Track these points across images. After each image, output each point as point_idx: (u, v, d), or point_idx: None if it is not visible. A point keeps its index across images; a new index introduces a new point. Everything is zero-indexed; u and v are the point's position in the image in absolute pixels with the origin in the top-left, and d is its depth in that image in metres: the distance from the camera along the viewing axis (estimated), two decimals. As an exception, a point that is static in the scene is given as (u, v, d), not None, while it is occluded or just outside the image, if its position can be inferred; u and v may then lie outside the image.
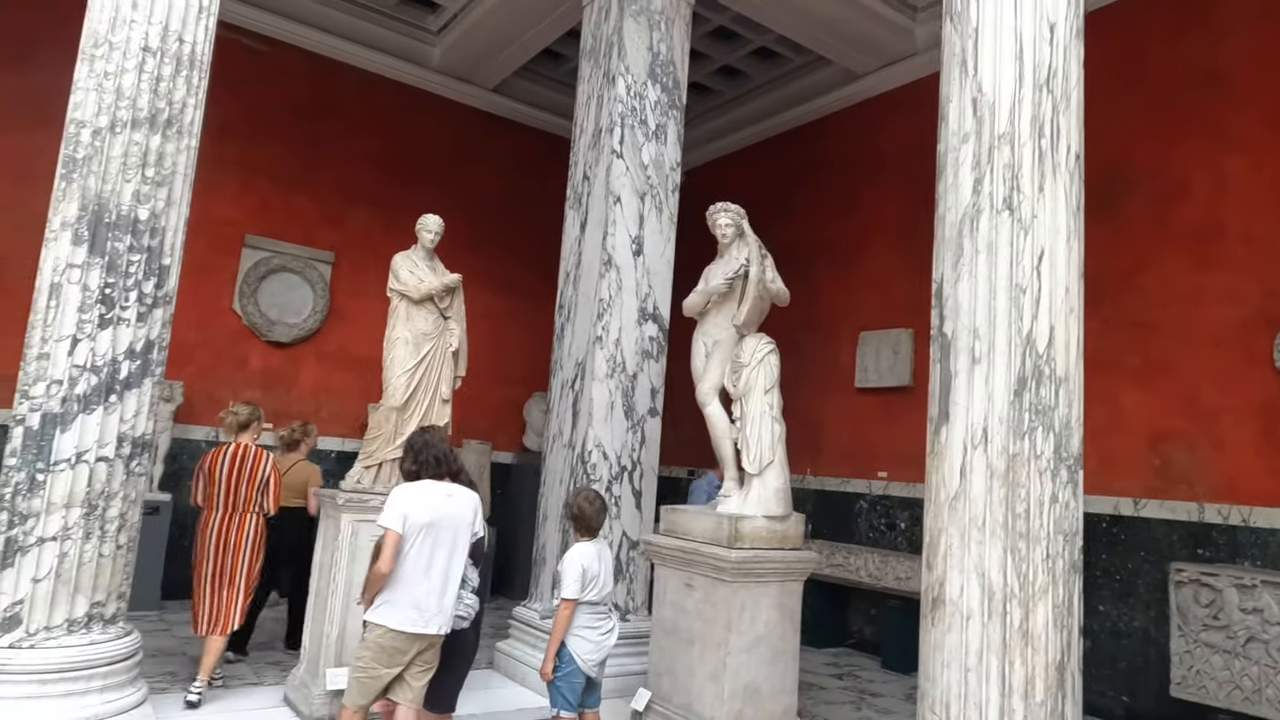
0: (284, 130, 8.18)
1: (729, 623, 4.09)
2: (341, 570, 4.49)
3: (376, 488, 4.70)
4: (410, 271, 4.86)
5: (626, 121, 5.83)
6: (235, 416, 4.99)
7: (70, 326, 3.87)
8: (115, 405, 3.93)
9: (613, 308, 5.66)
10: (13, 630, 3.66)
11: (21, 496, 3.76)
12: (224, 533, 4.77)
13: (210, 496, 4.80)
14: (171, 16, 4.19)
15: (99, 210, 3.96)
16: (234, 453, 4.88)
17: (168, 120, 4.16)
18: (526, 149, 9.82)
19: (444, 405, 4.86)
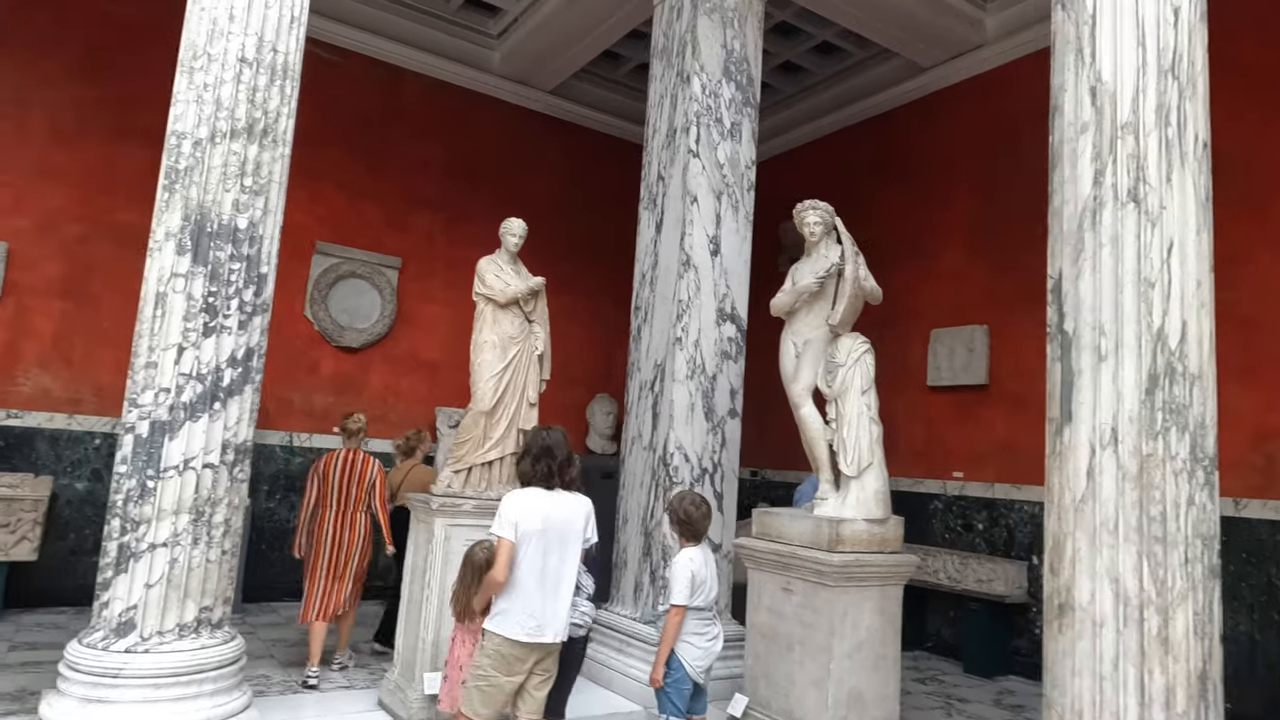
0: (352, 137, 8.26)
1: (832, 628, 4.01)
2: (435, 575, 4.50)
3: (466, 492, 4.70)
4: (496, 275, 4.86)
5: (702, 120, 5.78)
6: (357, 424, 5.65)
7: (176, 335, 3.92)
8: (219, 413, 3.97)
9: (691, 309, 5.61)
10: (127, 635, 3.73)
11: (133, 503, 3.83)
12: (337, 530, 5.31)
13: (324, 497, 5.36)
14: (266, 27, 4.23)
15: (201, 220, 4.01)
16: (345, 457, 5.46)
17: (264, 130, 4.20)
18: (584, 151, 9.82)
19: (531, 409, 4.85)
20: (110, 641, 3.70)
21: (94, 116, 7.08)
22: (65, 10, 7.01)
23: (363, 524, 5.41)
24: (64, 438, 6.83)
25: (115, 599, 3.77)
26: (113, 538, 3.84)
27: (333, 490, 5.37)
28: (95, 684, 3.62)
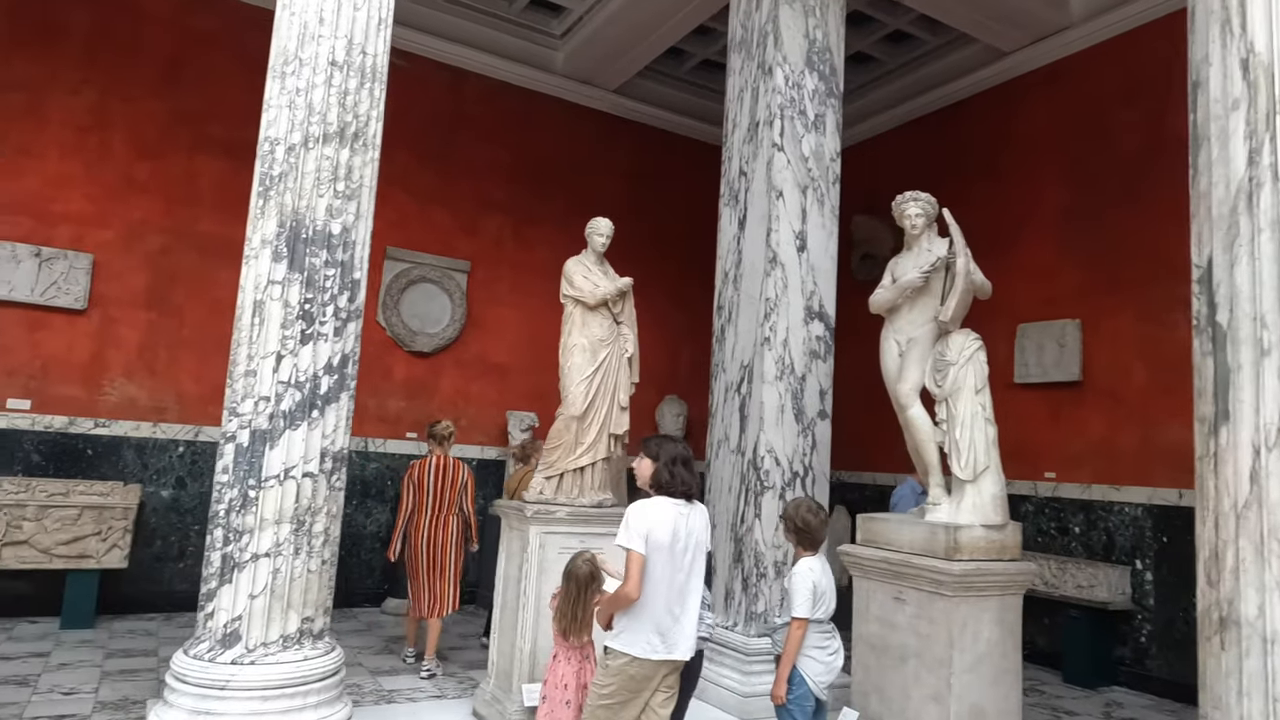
0: (419, 141, 8.25)
1: (951, 640, 3.80)
2: (531, 583, 4.40)
3: (559, 498, 4.60)
4: (584, 277, 4.75)
5: (785, 113, 5.60)
6: (446, 430, 5.96)
7: (274, 343, 3.88)
8: (318, 421, 3.93)
9: (779, 307, 5.44)
10: (233, 646, 3.69)
11: (235, 513, 3.80)
12: (433, 532, 5.65)
13: (419, 502, 5.68)
14: (355, 29, 4.18)
15: (296, 226, 3.97)
16: (437, 463, 5.78)
17: (355, 133, 4.15)
18: (648, 150, 9.70)
19: (622, 413, 4.73)
20: (217, 653, 3.67)
21: (173, 129, 7.17)
22: (144, 25, 7.11)
23: (455, 526, 5.76)
24: (149, 446, 6.92)
25: (220, 609, 3.73)
26: (215, 548, 3.81)
27: (427, 495, 5.71)
28: (203, 696, 3.59)
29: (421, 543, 5.60)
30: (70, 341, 6.65)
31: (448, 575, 5.65)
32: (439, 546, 5.65)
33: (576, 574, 3.62)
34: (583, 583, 3.61)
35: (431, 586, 5.58)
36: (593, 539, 4.58)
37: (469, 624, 7.25)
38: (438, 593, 5.59)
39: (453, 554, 5.70)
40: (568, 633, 3.63)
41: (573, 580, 3.64)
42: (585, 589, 3.62)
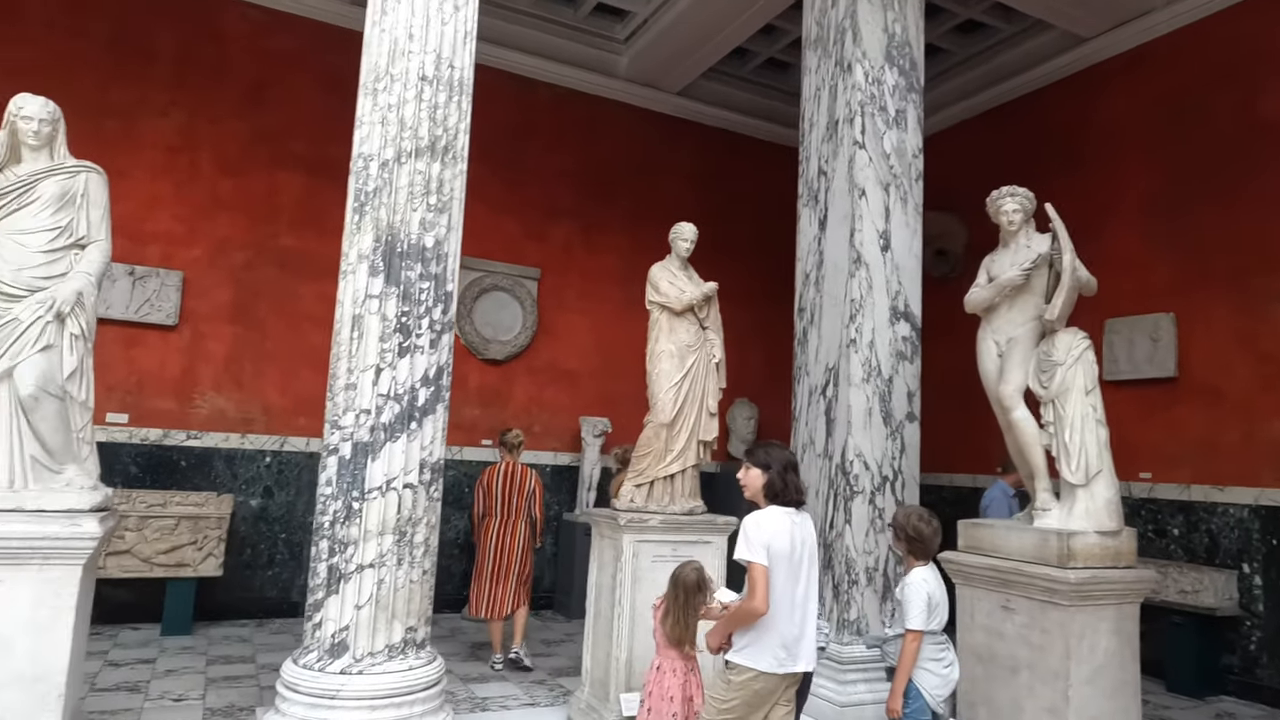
0: (489, 150, 8.30)
1: (1067, 651, 3.67)
2: (625, 592, 4.39)
3: (650, 506, 4.58)
4: (670, 282, 4.72)
5: (866, 109, 5.49)
6: (517, 438, 6.19)
7: (373, 356, 3.93)
8: (416, 432, 3.96)
9: (864, 308, 5.33)
10: (341, 656, 3.74)
11: (340, 524, 3.85)
12: (502, 536, 5.87)
13: (489, 507, 5.93)
14: (443, 44, 4.22)
15: (391, 240, 4.02)
16: (506, 470, 5.99)
17: (444, 147, 4.19)
18: (713, 151, 9.64)
19: (711, 419, 4.69)
20: (326, 663, 3.72)
21: (254, 147, 7.36)
22: (227, 48, 7.31)
23: (524, 531, 5.97)
24: (238, 456, 7.11)
25: (327, 620, 3.79)
26: (321, 559, 3.87)
27: (497, 500, 5.93)
28: (314, 705, 3.64)
29: (489, 546, 5.82)
30: (163, 357, 6.87)
31: (510, 579, 5.84)
32: (505, 551, 5.86)
33: (684, 580, 3.59)
34: (690, 589, 3.58)
35: (493, 590, 5.78)
36: (685, 547, 4.56)
37: (548, 630, 7.28)
38: (499, 596, 5.79)
39: (519, 559, 5.91)
40: (680, 641, 3.59)
41: (680, 586, 3.60)
42: (692, 596, 3.58)
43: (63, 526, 3.22)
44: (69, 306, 3.41)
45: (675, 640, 3.51)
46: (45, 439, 3.40)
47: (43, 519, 3.23)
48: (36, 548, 3.18)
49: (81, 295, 3.47)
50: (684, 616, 3.57)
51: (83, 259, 3.55)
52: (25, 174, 3.48)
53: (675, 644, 3.54)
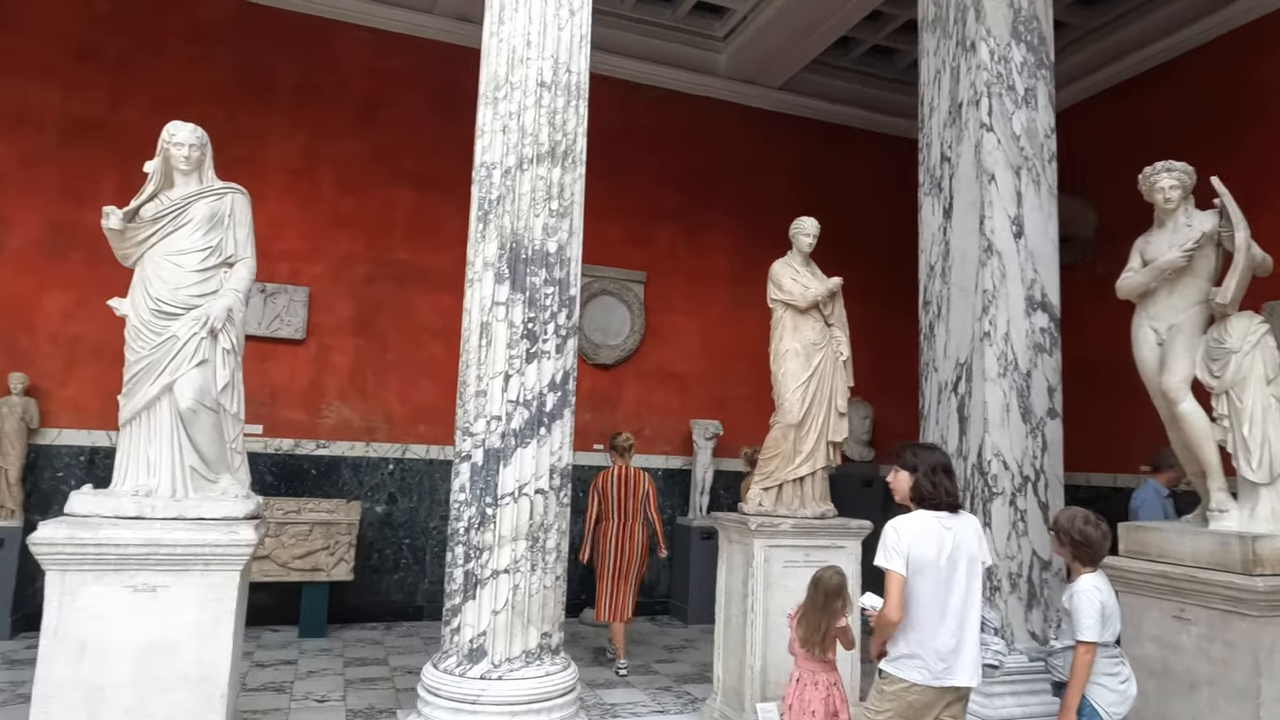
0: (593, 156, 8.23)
1: (1256, 666, 3.34)
2: (758, 598, 4.27)
3: (779, 510, 4.45)
4: (793, 279, 4.59)
5: (993, 90, 5.21)
6: (627, 442, 6.22)
7: (501, 363, 3.95)
8: (545, 438, 3.97)
9: (998, 299, 5.04)
10: (479, 661, 3.77)
11: (474, 530, 3.89)
12: (621, 540, 5.90)
13: (605, 511, 5.97)
14: (560, 49, 4.22)
15: (516, 247, 4.04)
16: (620, 474, 6.03)
17: (564, 152, 4.19)
18: (815, 144, 9.41)
19: (840, 419, 4.53)
20: (466, 668, 3.75)
21: (370, 165, 7.61)
22: (344, 70, 7.59)
23: (640, 535, 5.98)
24: (363, 464, 7.35)
25: (465, 625, 3.83)
26: (457, 564, 3.91)
27: (613, 504, 5.98)
28: (456, 710, 3.68)
29: (610, 551, 5.87)
30: (292, 369, 7.17)
31: (630, 582, 5.89)
32: (626, 555, 5.89)
33: (825, 583, 3.50)
34: (831, 593, 3.48)
35: (616, 593, 5.83)
36: (817, 552, 4.42)
37: (666, 635, 7.23)
38: (621, 600, 5.84)
39: (638, 563, 5.95)
40: (810, 642, 3.48)
41: (820, 588, 3.51)
42: (832, 600, 3.47)
43: (222, 534, 3.35)
44: (221, 322, 3.56)
45: (804, 640, 3.41)
46: (202, 450, 3.55)
47: (204, 527, 3.37)
48: (199, 554, 3.31)
49: (231, 311, 3.62)
50: (819, 619, 3.48)
51: (231, 276, 3.70)
52: (178, 197, 3.65)
53: (805, 645, 3.43)
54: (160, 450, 3.51)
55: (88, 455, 6.66)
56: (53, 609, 3.17)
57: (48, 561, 3.17)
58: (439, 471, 7.58)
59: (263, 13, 7.41)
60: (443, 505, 7.59)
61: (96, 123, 6.87)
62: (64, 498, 6.48)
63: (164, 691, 3.24)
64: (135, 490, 3.45)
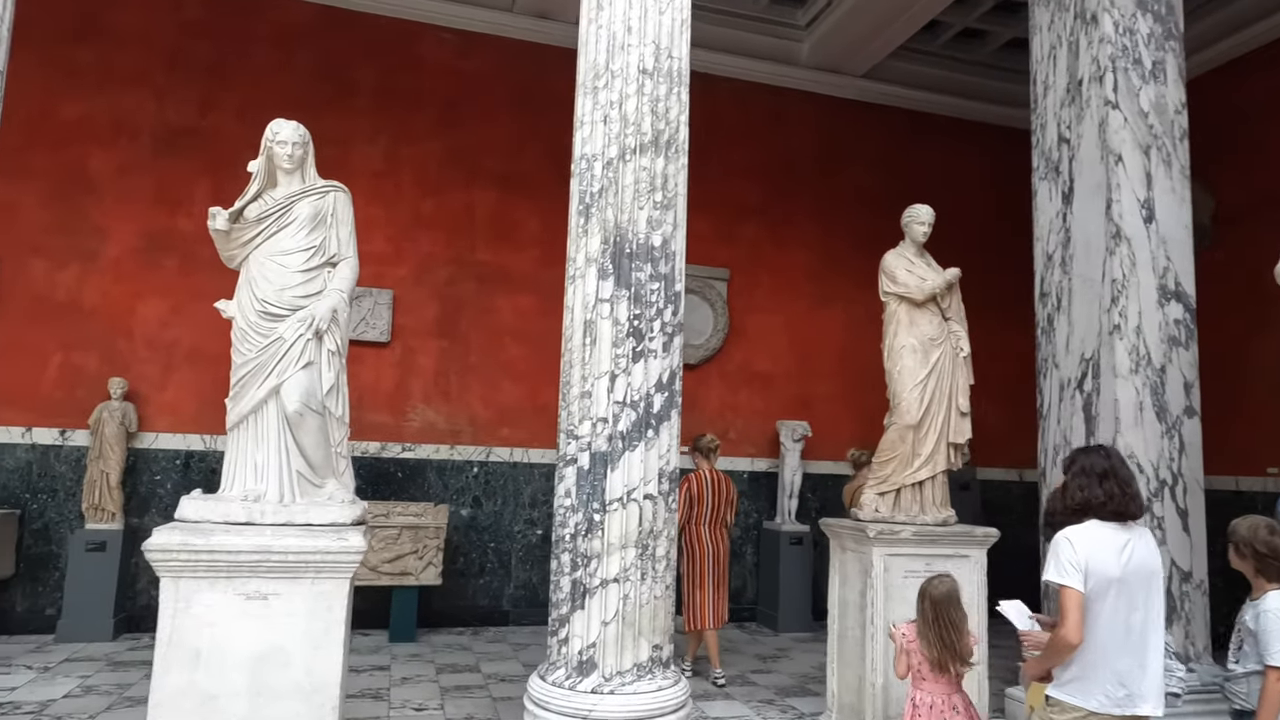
0: (672, 153, 8.17)
1: None
2: (878, 610, 4.02)
3: (898, 516, 4.18)
4: (908, 270, 4.32)
5: (1118, 64, 4.85)
6: (714, 444, 6.03)
7: (607, 363, 3.79)
8: (653, 440, 3.79)
9: (1127, 289, 4.69)
10: (590, 674, 3.61)
11: (581, 538, 3.73)
12: (715, 544, 5.75)
13: (698, 515, 5.76)
14: (661, 34, 4.05)
15: (619, 241, 3.87)
16: (710, 477, 5.84)
17: (667, 140, 4.01)
18: (901, 133, 9.05)
19: (962, 419, 4.25)
20: (575, 680, 3.60)
21: (450, 166, 7.57)
22: (423, 73, 7.57)
23: (726, 538, 5.88)
24: (448, 467, 7.29)
25: (573, 636, 3.67)
26: (564, 573, 3.76)
27: (706, 508, 5.78)
28: (567, 724, 3.53)
29: (707, 556, 5.67)
30: (378, 372, 7.15)
31: (725, 588, 5.76)
32: (720, 560, 5.75)
33: (931, 593, 3.26)
34: (939, 601, 3.22)
35: (716, 599, 5.65)
36: (939, 561, 4.15)
37: (757, 644, 6.99)
38: (720, 606, 5.67)
39: (727, 566, 5.83)
40: (941, 664, 3.21)
41: (926, 600, 3.26)
42: (943, 611, 3.21)
43: (332, 540, 3.25)
44: (326, 324, 3.47)
45: (936, 662, 3.14)
46: (308, 454, 3.47)
47: (314, 533, 3.28)
48: (309, 561, 3.22)
49: (336, 312, 3.53)
50: (941, 635, 3.20)
51: (334, 276, 3.62)
52: (282, 197, 3.59)
53: (938, 667, 3.16)
54: (267, 454, 3.44)
55: (183, 459, 6.75)
56: (167, 616, 3.12)
57: (162, 568, 3.12)
58: (522, 475, 7.49)
59: (344, 16, 7.42)
60: (527, 509, 7.51)
61: (188, 130, 6.97)
62: (161, 501, 6.67)
63: (276, 701, 3.16)
64: (244, 495, 3.39)
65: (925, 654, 3.28)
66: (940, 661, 3.24)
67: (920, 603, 3.31)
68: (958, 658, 3.23)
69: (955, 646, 3.23)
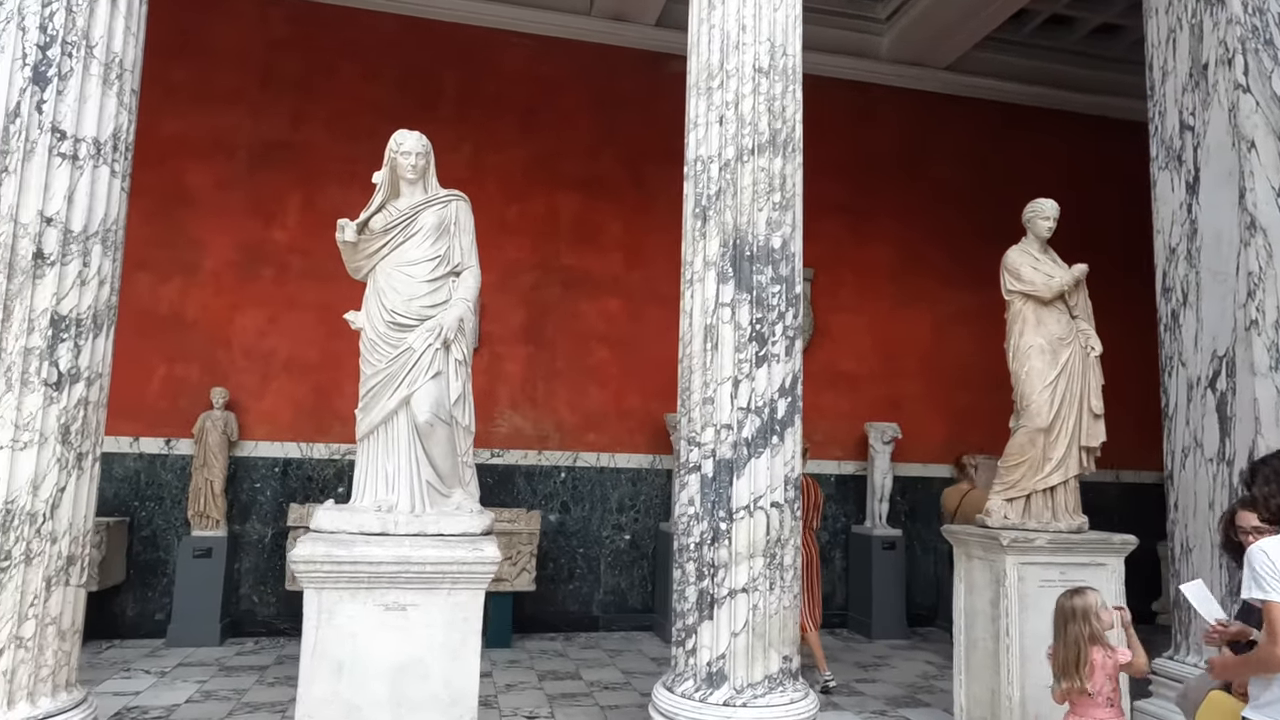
0: (753, 152, 8.07)
1: None
2: (1013, 621, 3.88)
3: (1029, 524, 4.03)
4: (1033, 267, 4.17)
5: (1248, 46, 4.59)
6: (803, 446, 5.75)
7: (729, 368, 3.73)
8: (778, 447, 3.72)
9: (1264, 282, 4.43)
10: (719, 686, 3.54)
11: (707, 546, 3.67)
12: (809, 546, 5.59)
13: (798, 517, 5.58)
14: (775, 31, 3.98)
15: (739, 244, 3.81)
16: (806, 480, 5.41)
17: (784, 140, 3.94)
18: (988, 126, 8.81)
19: (1095, 421, 4.08)
20: (705, 692, 3.54)
21: (533, 171, 7.59)
22: (504, 78, 7.60)
23: (814, 542, 5.82)
24: (536, 473, 7.31)
25: (701, 647, 3.61)
26: (689, 582, 3.71)
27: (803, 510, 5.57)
28: (699, 737, 3.46)
29: (812, 558, 5.66)
30: (467, 379, 7.19)
31: (819, 591, 5.77)
32: (813, 564, 5.71)
33: (1062, 609, 3.12)
34: (1068, 616, 3.09)
35: (811, 603, 5.63)
36: (1075, 570, 3.99)
37: (853, 651, 6.85)
38: (816, 609, 5.69)
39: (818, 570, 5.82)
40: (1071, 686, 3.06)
41: (1059, 614, 3.12)
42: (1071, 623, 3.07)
43: (468, 551, 3.25)
44: (454, 333, 3.48)
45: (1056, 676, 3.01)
46: (437, 464, 3.48)
47: (449, 544, 3.28)
48: (446, 572, 3.22)
49: (463, 321, 3.54)
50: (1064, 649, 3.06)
51: (459, 285, 3.63)
52: (406, 207, 3.61)
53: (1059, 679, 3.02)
54: (398, 464, 3.46)
55: (280, 466, 6.87)
56: (311, 627, 3.14)
57: (306, 579, 3.14)
58: (609, 479, 7.46)
59: (426, 26, 7.50)
60: (614, 514, 7.48)
61: (280, 144, 7.10)
62: (261, 508, 6.81)
63: (416, 712, 3.17)
64: (377, 506, 3.41)
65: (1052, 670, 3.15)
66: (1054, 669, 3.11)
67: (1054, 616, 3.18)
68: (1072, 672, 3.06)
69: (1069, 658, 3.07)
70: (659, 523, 7.44)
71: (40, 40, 3.01)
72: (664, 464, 7.51)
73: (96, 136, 3.12)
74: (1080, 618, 2.98)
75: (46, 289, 2.94)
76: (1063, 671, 3.00)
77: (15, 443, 2.83)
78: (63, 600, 2.92)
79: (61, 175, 3.01)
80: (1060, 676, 3.02)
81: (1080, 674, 2.98)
